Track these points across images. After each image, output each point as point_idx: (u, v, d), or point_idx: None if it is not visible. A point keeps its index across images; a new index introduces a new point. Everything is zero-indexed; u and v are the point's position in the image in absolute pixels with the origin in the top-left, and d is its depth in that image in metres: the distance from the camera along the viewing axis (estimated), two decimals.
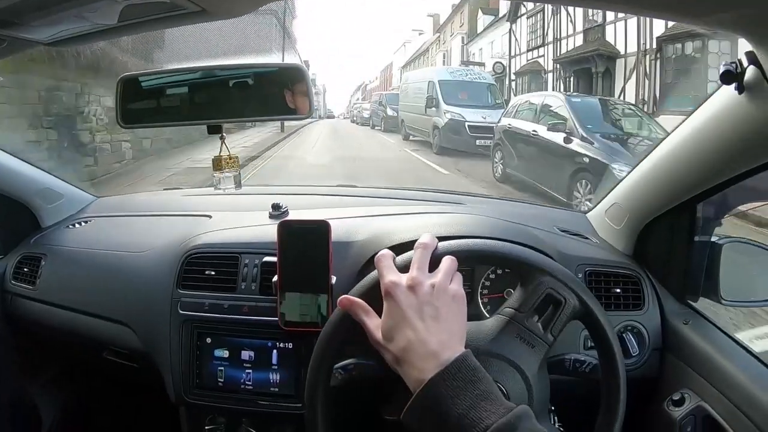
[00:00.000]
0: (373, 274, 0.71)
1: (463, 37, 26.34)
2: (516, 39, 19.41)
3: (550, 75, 16.84)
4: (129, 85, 0.90)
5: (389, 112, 17.83)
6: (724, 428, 0.86)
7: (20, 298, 1.28)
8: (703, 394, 0.93)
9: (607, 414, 0.74)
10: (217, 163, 0.88)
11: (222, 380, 1.02)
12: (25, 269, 1.29)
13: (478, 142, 10.58)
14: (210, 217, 1.26)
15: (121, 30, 0.76)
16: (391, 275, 0.65)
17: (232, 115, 0.88)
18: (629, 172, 1.09)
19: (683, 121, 0.91)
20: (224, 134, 0.89)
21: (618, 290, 1.04)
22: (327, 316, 0.92)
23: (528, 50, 18.59)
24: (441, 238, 0.73)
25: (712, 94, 0.82)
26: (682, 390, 0.96)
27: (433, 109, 12.34)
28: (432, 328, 0.61)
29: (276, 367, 1.01)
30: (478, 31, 24.19)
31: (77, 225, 1.34)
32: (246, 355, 1.01)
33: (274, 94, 0.85)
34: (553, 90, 14.90)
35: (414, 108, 13.66)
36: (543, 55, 17.43)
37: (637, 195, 1.07)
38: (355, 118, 27.05)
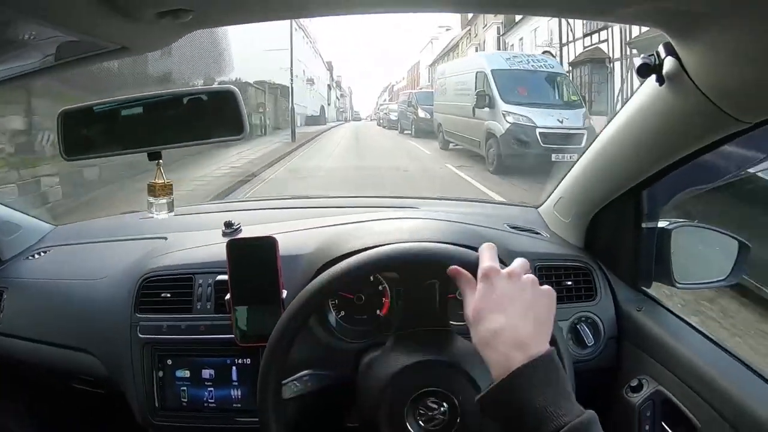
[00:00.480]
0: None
1: (498, 27, 22.39)
2: (568, 23, 15.37)
3: (617, 63, 13.58)
4: (70, 118, 0.90)
5: (421, 114, 14.79)
6: (683, 411, 0.88)
7: None
8: (660, 378, 0.95)
9: None
10: (152, 190, 0.89)
11: (185, 400, 1.03)
12: None
13: (554, 156, 7.67)
14: (165, 239, 1.27)
15: (44, 71, 0.77)
16: (491, 261, 0.66)
17: (171, 141, 0.88)
18: (572, 166, 1.11)
19: (616, 114, 0.93)
20: (161, 161, 0.90)
21: (570, 282, 1.06)
22: None
23: (585, 35, 15.33)
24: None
25: (639, 86, 0.84)
26: (640, 376, 0.98)
27: (486, 109, 8.98)
28: (523, 319, 0.62)
29: (237, 383, 1.02)
30: (517, 19, 19.42)
31: (36, 256, 1.33)
32: (206, 373, 1.03)
33: (209, 118, 0.86)
34: (623, 82, 12.21)
35: (456, 109, 10.36)
36: (606, 40, 14.23)
37: (581, 187, 1.09)
38: (381, 121, 24.62)
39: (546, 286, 0.66)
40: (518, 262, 0.67)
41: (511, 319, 0.61)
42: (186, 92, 0.87)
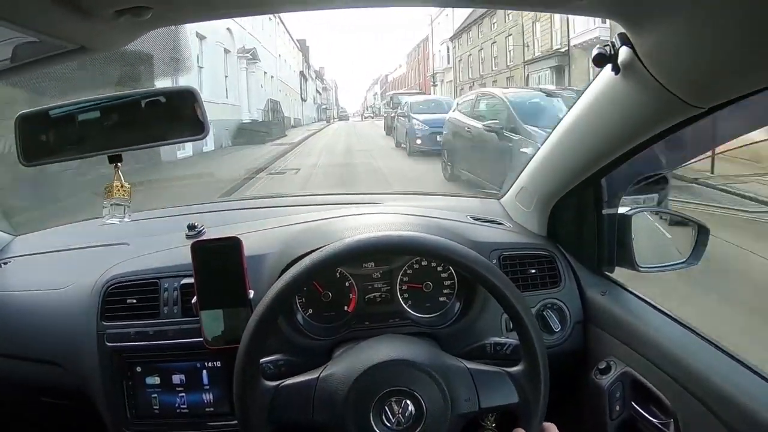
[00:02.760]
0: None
1: None
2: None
3: None
4: (27, 122, 0.88)
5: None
6: (651, 390, 0.91)
7: None
8: (627, 359, 0.97)
9: (533, 396, 0.77)
10: (109, 192, 0.88)
11: (157, 407, 1.02)
12: None
13: None
14: (128, 244, 1.25)
15: (2, 73, 0.75)
16: None
17: (131, 143, 0.87)
18: (532, 156, 1.13)
19: (574, 104, 0.95)
20: (120, 164, 0.88)
21: (533, 270, 1.08)
22: None
23: None
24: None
25: (595, 76, 0.86)
26: (608, 358, 1.01)
27: None
28: None
29: (208, 386, 1.01)
30: None
31: None
32: (177, 378, 1.02)
33: (168, 119, 0.85)
34: None
35: None
36: None
37: (541, 177, 1.12)
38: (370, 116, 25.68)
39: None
40: None
41: None
42: (144, 93, 0.86)
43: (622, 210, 1.10)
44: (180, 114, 0.84)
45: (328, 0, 0.69)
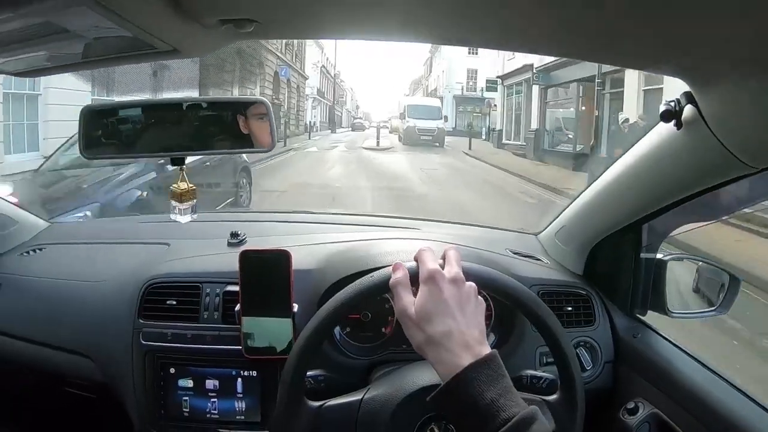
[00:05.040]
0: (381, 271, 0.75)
1: None
2: None
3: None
4: (92, 116, 0.89)
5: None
6: None
7: None
8: (655, 401, 0.99)
9: (569, 425, 0.78)
10: (176, 194, 0.88)
11: (187, 410, 1.01)
12: None
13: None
14: (168, 245, 1.25)
15: (91, 63, 0.76)
16: (434, 264, 0.70)
17: (195, 148, 0.88)
18: (577, 197, 1.15)
19: (627, 151, 0.97)
20: (184, 166, 0.89)
21: (570, 308, 1.10)
22: (291, 343, 0.93)
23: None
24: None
25: (653, 126, 0.88)
26: (636, 399, 1.02)
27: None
28: (470, 323, 0.67)
29: (241, 395, 1.01)
30: None
31: (31, 252, 1.30)
32: (210, 384, 1.01)
33: (237, 128, 0.85)
34: None
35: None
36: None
37: (585, 218, 1.13)
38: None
39: (479, 296, 0.72)
40: (454, 264, 0.71)
41: (459, 323, 0.66)
42: (214, 100, 0.88)
43: (658, 255, 1.12)
44: (251, 125, 0.85)
45: (409, 34, 0.71)
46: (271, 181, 8.68)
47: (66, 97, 7.38)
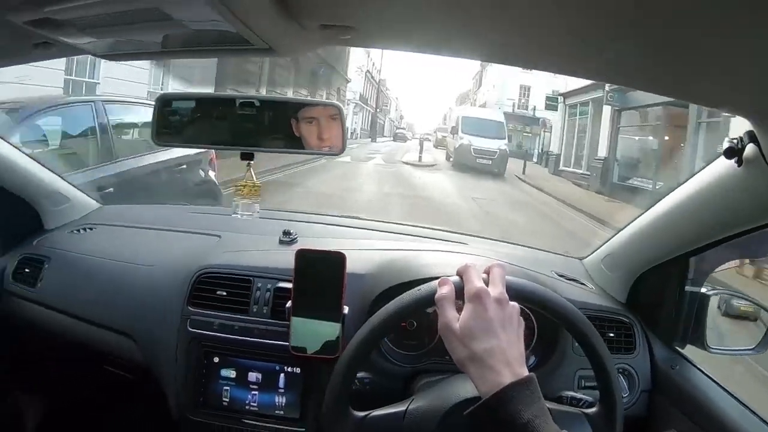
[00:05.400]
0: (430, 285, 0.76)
1: None
2: None
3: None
4: (166, 104, 0.92)
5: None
6: None
7: (18, 298, 1.27)
8: None
9: None
10: (241, 190, 0.90)
11: (227, 400, 1.03)
12: (26, 270, 1.28)
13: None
14: (219, 237, 1.27)
15: (181, 53, 0.78)
16: (479, 282, 0.71)
17: (265, 145, 0.90)
18: (627, 225, 1.16)
19: (684, 182, 0.98)
20: (252, 162, 0.92)
21: (612, 335, 1.10)
22: (338, 345, 0.94)
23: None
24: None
25: (712, 161, 0.89)
26: (669, 429, 1.02)
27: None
28: (512, 343, 0.68)
29: (283, 390, 1.02)
30: None
31: (82, 231, 1.33)
32: (253, 376, 1.03)
33: (309, 129, 0.88)
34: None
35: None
36: None
37: (634, 247, 1.14)
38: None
39: (520, 317, 0.73)
40: (498, 284, 0.72)
41: (501, 342, 0.67)
42: (288, 100, 0.90)
43: (702, 289, 1.12)
44: (321, 127, 0.87)
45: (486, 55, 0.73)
46: (280, 197, 6.79)
47: (122, 88, 7.48)
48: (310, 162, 10.58)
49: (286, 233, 1.22)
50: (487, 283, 0.72)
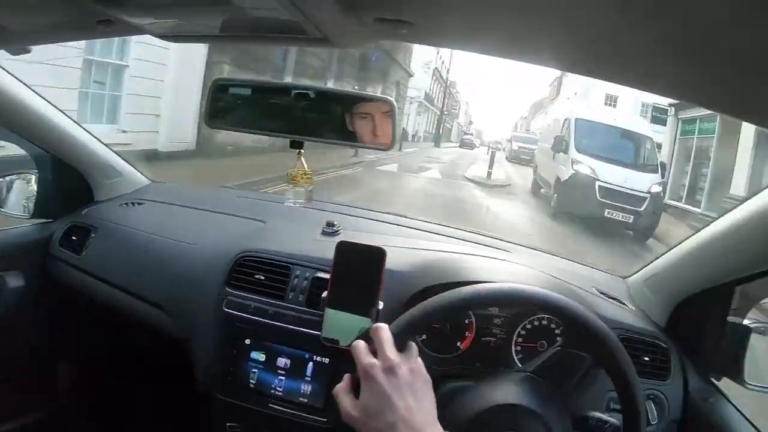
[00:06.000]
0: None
1: None
2: None
3: None
4: (220, 88, 0.95)
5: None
6: None
7: (64, 264, 1.32)
8: None
9: None
10: (293, 177, 0.92)
11: (254, 382, 1.05)
12: (74, 237, 1.33)
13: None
14: (264, 222, 1.29)
15: (238, 38, 0.80)
16: (366, 358, 0.70)
17: (315, 134, 0.92)
18: (675, 246, 1.13)
19: (735, 207, 0.95)
20: (303, 150, 0.93)
21: (647, 358, 1.07)
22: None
23: None
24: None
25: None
26: None
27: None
28: (413, 409, 0.67)
29: (309, 378, 1.03)
30: None
31: (130, 205, 1.38)
32: (282, 362, 1.04)
33: (360, 123, 0.89)
34: None
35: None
36: None
37: (679, 270, 1.10)
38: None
39: (423, 370, 0.71)
40: (385, 350, 0.70)
41: (403, 411, 0.65)
42: (342, 92, 0.91)
43: (746, 321, 1.08)
44: (373, 121, 0.88)
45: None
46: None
47: (152, 71, 7.43)
48: (344, 168, 9.47)
49: (330, 224, 1.23)
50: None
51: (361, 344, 0.73)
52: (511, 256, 1.30)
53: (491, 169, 13.54)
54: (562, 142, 9.33)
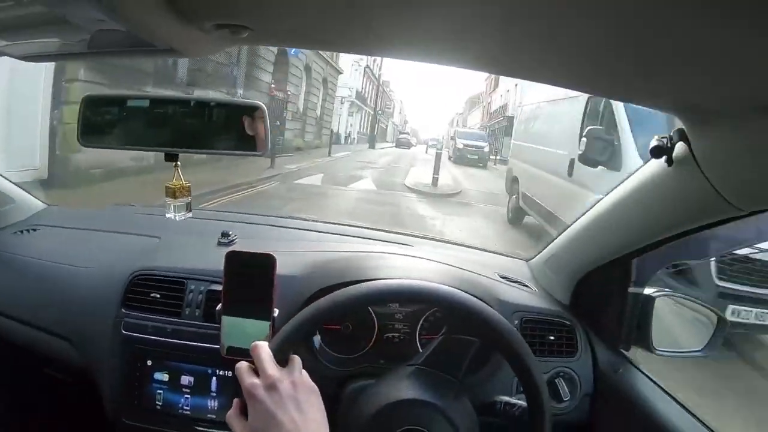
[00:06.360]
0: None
1: None
2: None
3: None
4: (92, 105, 0.91)
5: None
6: None
7: None
8: None
9: None
10: (170, 191, 0.89)
11: (160, 403, 1.02)
12: None
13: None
14: (159, 238, 1.26)
15: (93, 54, 0.77)
16: (249, 378, 0.69)
17: (190, 145, 0.89)
18: (570, 225, 1.15)
19: (619, 184, 0.97)
20: (179, 163, 0.90)
21: (552, 337, 1.09)
22: None
23: None
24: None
25: (646, 162, 0.88)
26: None
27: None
28: (299, 422, 0.66)
29: (215, 394, 1.02)
30: None
31: (26, 232, 1.31)
32: (186, 380, 1.02)
33: (232, 130, 0.86)
34: None
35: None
36: None
37: (575, 248, 1.13)
38: None
39: (307, 380, 0.71)
40: (265, 367, 0.69)
41: (288, 426, 0.65)
42: (212, 100, 0.88)
43: (647, 291, 1.11)
44: (244, 128, 0.86)
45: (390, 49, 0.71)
46: None
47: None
48: (258, 185, 8.31)
49: (225, 234, 1.21)
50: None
51: (243, 365, 0.71)
52: (412, 250, 1.30)
53: (437, 174, 11.17)
54: (606, 148, 4.56)
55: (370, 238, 1.41)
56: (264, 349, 0.72)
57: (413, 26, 0.57)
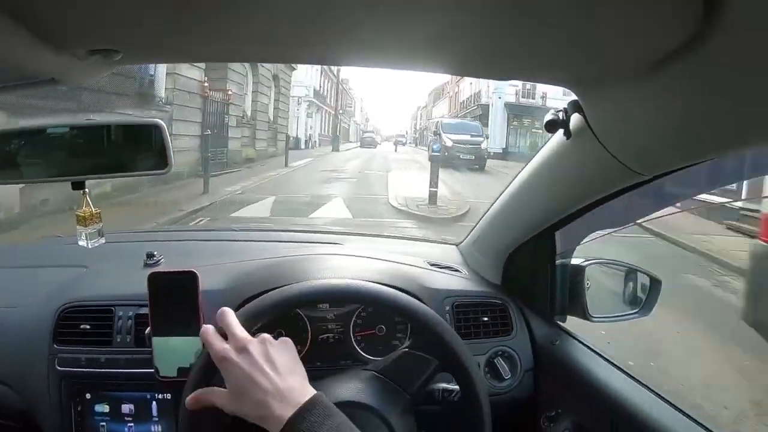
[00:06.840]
0: (202, 357, 0.77)
1: None
2: None
3: None
4: None
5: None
6: None
7: None
8: (576, 409, 1.00)
9: None
10: (81, 220, 0.88)
11: None
12: None
13: None
14: (86, 267, 1.24)
15: None
16: (218, 343, 0.70)
17: (96, 171, 0.88)
18: (492, 205, 1.17)
19: (530, 161, 0.99)
20: (86, 190, 0.89)
21: (486, 318, 1.11)
22: None
23: None
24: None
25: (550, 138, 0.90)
26: (557, 407, 1.03)
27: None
28: (276, 379, 0.67)
29: (157, 419, 1.01)
30: None
31: None
32: (126, 408, 1.01)
33: (133, 151, 0.86)
34: None
35: None
36: None
37: (498, 227, 1.15)
38: None
39: (275, 340, 0.73)
40: (233, 330, 0.72)
41: (265, 384, 0.67)
42: (111, 122, 0.88)
43: (576, 261, 1.14)
44: (146, 147, 0.85)
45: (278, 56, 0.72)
46: None
47: None
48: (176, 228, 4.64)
49: (150, 255, 1.20)
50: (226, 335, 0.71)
51: (209, 328, 0.72)
52: (341, 248, 1.31)
53: (435, 188, 8.23)
54: None
55: (297, 241, 1.42)
56: (230, 315, 0.73)
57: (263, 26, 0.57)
